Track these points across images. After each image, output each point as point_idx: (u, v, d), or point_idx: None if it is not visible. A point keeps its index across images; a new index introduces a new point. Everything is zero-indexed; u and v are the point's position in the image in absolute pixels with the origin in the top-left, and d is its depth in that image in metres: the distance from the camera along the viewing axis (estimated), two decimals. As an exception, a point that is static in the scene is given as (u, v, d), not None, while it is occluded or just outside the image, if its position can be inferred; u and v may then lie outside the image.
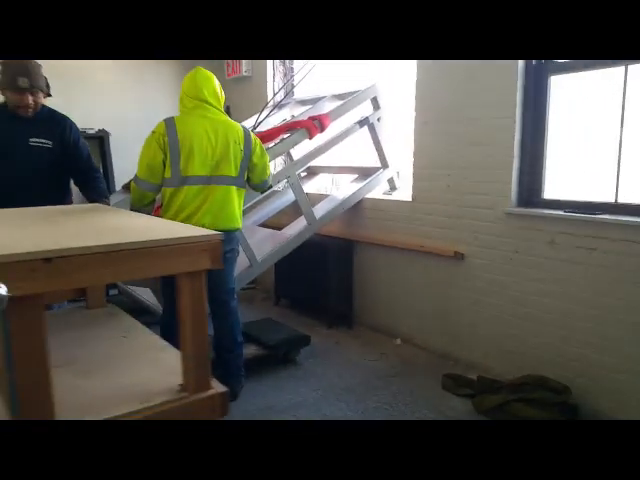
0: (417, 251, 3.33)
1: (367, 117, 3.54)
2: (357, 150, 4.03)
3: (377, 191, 3.78)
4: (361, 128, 3.54)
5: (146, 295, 3.33)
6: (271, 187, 2.95)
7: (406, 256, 3.44)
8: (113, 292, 4.43)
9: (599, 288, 2.44)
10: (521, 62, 2.71)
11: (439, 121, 3.15)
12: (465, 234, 3.05)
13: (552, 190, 2.79)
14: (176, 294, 1.41)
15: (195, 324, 1.42)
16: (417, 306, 3.41)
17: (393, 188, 3.77)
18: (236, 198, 2.55)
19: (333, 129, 3.49)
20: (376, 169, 3.73)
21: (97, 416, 1.25)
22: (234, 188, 2.52)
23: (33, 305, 1.12)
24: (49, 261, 1.11)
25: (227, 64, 5.01)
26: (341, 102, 3.57)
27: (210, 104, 2.48)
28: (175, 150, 2.37)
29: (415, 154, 3.36)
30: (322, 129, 3.32)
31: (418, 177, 3.36)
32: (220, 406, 1.48)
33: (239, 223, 2.60)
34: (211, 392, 1.47)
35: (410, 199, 3.42)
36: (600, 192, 2.58)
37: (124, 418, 1.29)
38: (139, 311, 3.74)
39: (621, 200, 2.48)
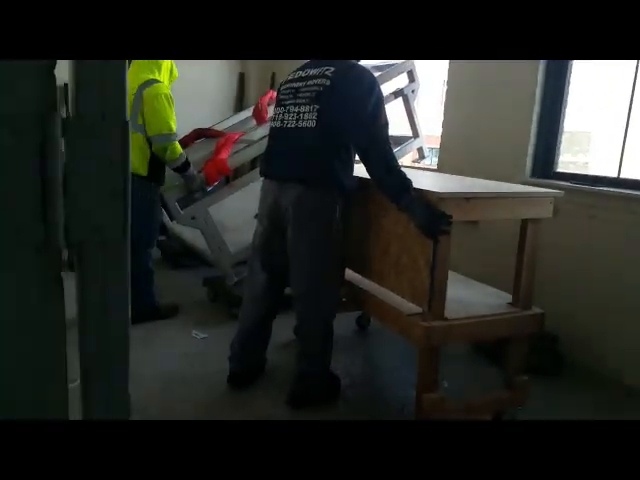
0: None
1: (402, 89, 3.82)
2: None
3: (407, 158, 4.09)
4: (396, 99, 3.83)
5: (192, 236, 3.78)
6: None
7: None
8: (162, 238, 4.94)
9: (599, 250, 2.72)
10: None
11: (466, 99, 3.41)
12: (482, 201, 3.34)
13: (565, 165, 3.05)
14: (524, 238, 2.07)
15: (529, 262, 2.06)
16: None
17: (422, 157, 4.06)
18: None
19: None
20: (407, 138, 4.02)
21: (464, 314, 1.97)
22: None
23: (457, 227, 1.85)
24: (468, 200, 1.84)
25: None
26: (379, 73, 3.86)
27: None
28: None
29: (443, 127, 3.64)
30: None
31: (444, 148, 3.64)
32: (539, 324, 2.07)
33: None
34: (533, 311, 2.07)
35: (436, 167, 3.72)
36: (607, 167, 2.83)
37: (481, 320, 1.96)
38: (186, 254, 4.22)
39: (623, 176, 2.73)
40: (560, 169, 3.08)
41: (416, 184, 1.95)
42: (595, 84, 2.88)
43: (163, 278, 4.02)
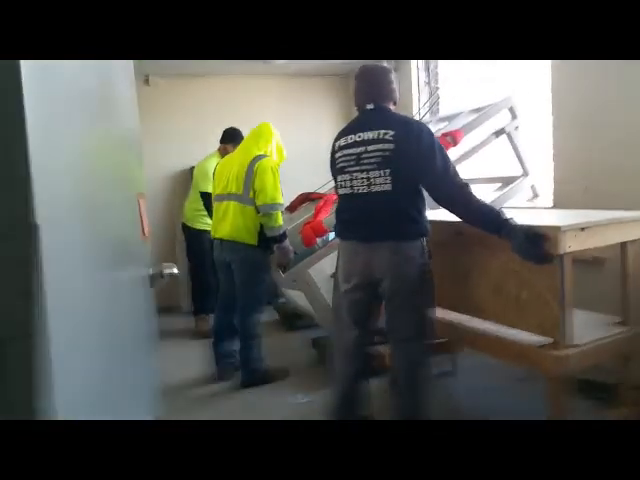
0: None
1: (503, 127, 3.58)
2: (498, 160, 4.05)
3: (518, 199, 3.76)
4: (497, 138, 3.60)
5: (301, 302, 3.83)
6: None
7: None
8: (282, 300, 5.11)
9: None
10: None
11: (577, 124, 3.07)
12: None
13: None
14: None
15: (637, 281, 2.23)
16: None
17: (535, 195, 3.70)
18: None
19: (469, 141, 3.62)
20: (515, 178, 3.72)
21: (589, 338, 2.08)
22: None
23: (573, 257, 2.02)
24: (583, 230, 1.99)
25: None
26: (477, 115, 3.68)
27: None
28: None
29: (555, 159, 3.31)
30: (455, 143, 3.48)
31: (558, 182, 3.28)
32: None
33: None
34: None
35: (551, 205, 3.35)
36: None
37: (605, 341, 2.10)
38: (300, 316, 4.30)
39: None
40: None
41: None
42: None
43: (277, 340, 4.13)
